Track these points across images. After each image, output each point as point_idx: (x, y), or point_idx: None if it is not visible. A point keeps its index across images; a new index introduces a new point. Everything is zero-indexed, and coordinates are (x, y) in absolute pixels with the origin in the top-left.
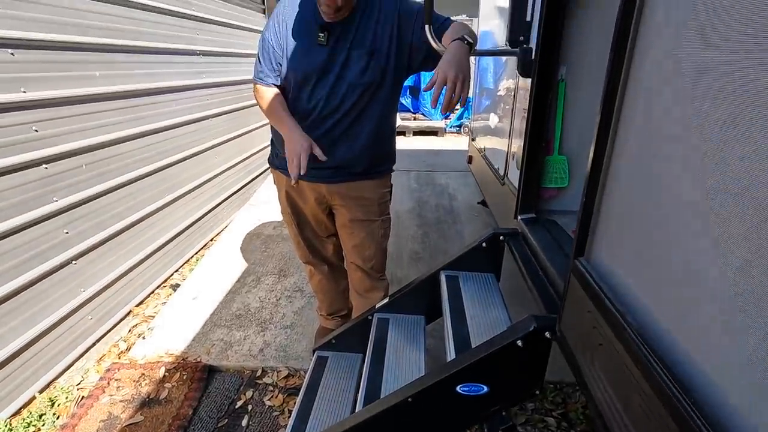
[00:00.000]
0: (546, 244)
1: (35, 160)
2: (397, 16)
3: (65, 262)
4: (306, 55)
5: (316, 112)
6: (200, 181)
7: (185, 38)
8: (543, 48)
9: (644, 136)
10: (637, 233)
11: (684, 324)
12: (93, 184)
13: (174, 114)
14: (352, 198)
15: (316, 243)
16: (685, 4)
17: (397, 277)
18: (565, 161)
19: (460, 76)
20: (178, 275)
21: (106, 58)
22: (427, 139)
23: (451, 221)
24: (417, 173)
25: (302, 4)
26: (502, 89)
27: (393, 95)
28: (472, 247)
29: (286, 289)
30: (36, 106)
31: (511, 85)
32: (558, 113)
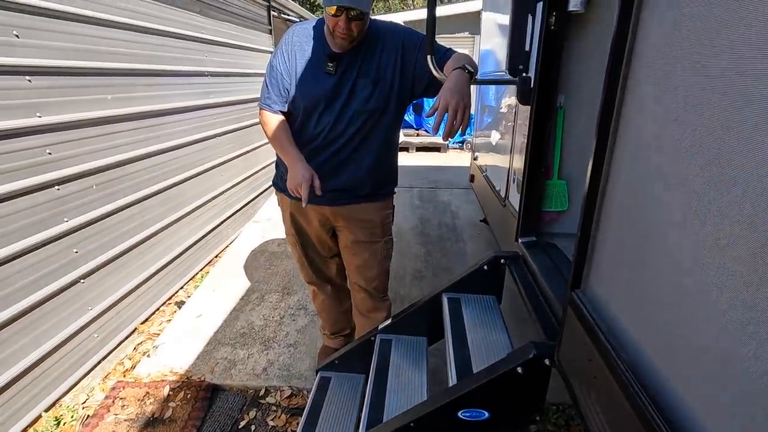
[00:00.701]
0: (546, 269)
1: (48, 181)
2: (401, 47)
3: (74, 281)
4: (315, 83)
5: (322, 137)
6: (206, 198)
7: (195, 60)
8: (542, 77)
9: (634, 174)
10: (630, 269)
11: (674, 363)
12: (102, 204)
13: (182, 134)
14: (355, 220)
15: (320, 263)
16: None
17: (399, 295)
18: (565, 185)
19: (461, 104)
20: (183, 292)
21: (118, 81)
22: (430, 155)
23: (453, 239)
24: (420, 190)
25: (311, 34)
26: (503, 108)
27: (395, 121)
28: (473, 270)
29: (289, 307)
30: (50, 129)
31: (511, 104)
32: (557, 139)
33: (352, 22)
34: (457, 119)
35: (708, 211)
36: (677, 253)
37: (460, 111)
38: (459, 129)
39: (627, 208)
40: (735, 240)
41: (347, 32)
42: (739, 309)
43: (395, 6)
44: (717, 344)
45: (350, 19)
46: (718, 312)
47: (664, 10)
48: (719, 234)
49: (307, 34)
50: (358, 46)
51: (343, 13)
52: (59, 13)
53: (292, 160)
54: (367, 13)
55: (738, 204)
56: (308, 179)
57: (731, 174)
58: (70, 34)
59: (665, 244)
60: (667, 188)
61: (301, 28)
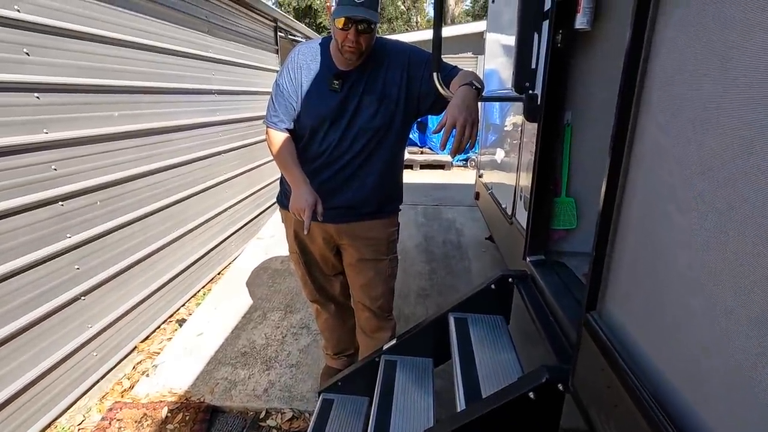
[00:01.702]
0: (555, 288)
1: (52, 197)
2: (407, 64)
3: (74, 299)
4: (321, 101)
5: (327, 155)
6: (210, 215)
7: (202, 79)
8: (549, 94)
9: (650, 192)
10: (648, 290)
11: (700, 390)
12: (106, 220)
13: (187, 150)
14: (360, 238)
15: (324, 281)
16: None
17: (404, 314)
18: (573, 203)
19: (469, 120)
20: (185, 310)
21: (125, 98)
22: (434, 172)
23: (458, 257)
24: (424, 208)
25: (317, 53)
26: (509, 126)
27: (401, 138)
28: (480, 289)
29: (292, 325)
30: (56, 146)
31: (517, 121)
32: (565, 156)
33: (361, 36)
34: (464, 135)
35: (727, 230)
36: (696, 273)
37: (467, 127)
38: (466, 145)
39: (643, 227)
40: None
41: (356, 46)
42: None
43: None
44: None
45: (359, 32)
46: (742, 335)
47: (677, 30)
48: (740, 253)
49: (313, 52)
50: (364, 64)
51: (353, 26)
52: (69, 31)
53: (296, 181)
54: (376, 25)
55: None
56: (311, 204)
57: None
58: (79, 52)
59: (684, 264)
60: (684, 207)
61: (306, 47)
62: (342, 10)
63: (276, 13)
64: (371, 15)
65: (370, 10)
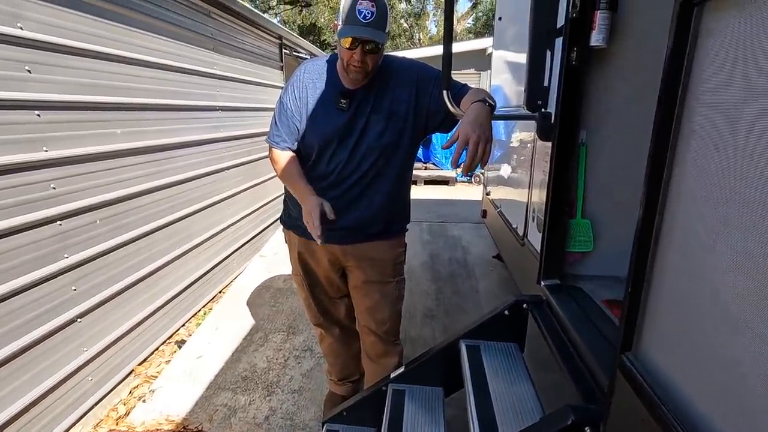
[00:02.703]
0: (574, 316)
1: (51, 217)
2: (415, 82)
3: (70, 321)
4: (328, 121)
5: (335, 175)
6: (212, 232)
7: (207, 95)
8: (563, 113)
9: (693, 223)
10: (692, 329)
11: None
12: (106, 239)
13: (191, 167)
14: (366, 259)
15: (328, 304)
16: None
17: (410, 336)
18: (589, 225)
19: (482, 138)
20: (185, 330)
21: (128, 116)
22: (439, 188)
23: (465, 276)
24: (429, 224)
25: (323, 71)
26: (519, 143)
27: (409, 157)
28: (493, 315)
29: (294, 348)
30: (56, 164)
31: (528, 138)
32: (580, 177)
33: (368, 56)
34: (477, 153)
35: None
36: (747, 311)
37: (480, 144)
38: (479, 163)
39: (685, 261)
40: None
41: (362, 66)
42: None
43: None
44: None
45: (366, 52)
46: None
47: (722, 51)
48: None
49: (319, 70)
50: (372, 82)
51: (359, 46)
52: (72, 49)
53: (302, 194)
54: (383, 46)
55: None
56: (317, 205)
57: None
58: (82, 70)
59: (732, 301)
60: (733, 240)
61: (312, 65)
62: (348, 30)
63: (281, 31)
64: (378, 36)
65: (377, 31)
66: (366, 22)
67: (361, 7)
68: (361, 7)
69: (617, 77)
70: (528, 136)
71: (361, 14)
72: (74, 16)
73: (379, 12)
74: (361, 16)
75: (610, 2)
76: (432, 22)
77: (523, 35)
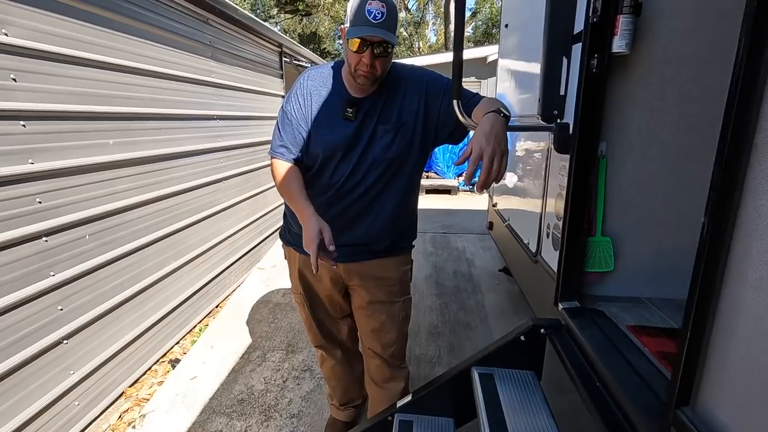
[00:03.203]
0: (599, 344)
1: (35, 233)
2: (424, 92)
3: (55, 343)
4: (333, 131)
5: (338, 187)
6: (210, 244)
7: (204, 104)
8: (582, 124)
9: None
10: None
11: None
12: (95, 255)
13: (187, 178)
14: (372, 278)
15: (330, 325)
16: None
17: (414, 355)
18: (609, 243)
19: (498, 151)
20: (179, 348)
21: (122, 125)
22: (441, 197)
23: (470, 290)
24: (432, 235)
25: (327, 79)
26: (529, 151)
27: (417, 170)
28: (508, 341)
29: (294, 368)
30: (42, 177)
31: (540, 147)
32: (600, 191)
33: (377, 59)
34: (492, 168)
35: None
36: None
37: (496, 158)
38: (495, 179)
39: (760, 300)
40: None
41: (370, 70)
42: None
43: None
44: None
45: (375, 55)
46: None
47: None
48: None
49: (323, 78)
50: (379, 90)
51: (368, 48)
52: (60, 56)
53: (302, 214)
54: (393, 48)
55: None
56: (317, 235)
57: None
58: (72, 78)
59: None
60: None
61: (316, 72)
62: (357, 30)
63: (281, 38)
64: (389, 37)
65: (388, 32)
66: (376, 23)
67: (371, 7)
68: (371, 7)
69: (639, 85)
70: (540, 146)
71: (371, 14)
72: (64, 23)
73: (390, 12)
74: (371, 17)
75: (634, 6)
76: (431, 31)
77: (531, 42)
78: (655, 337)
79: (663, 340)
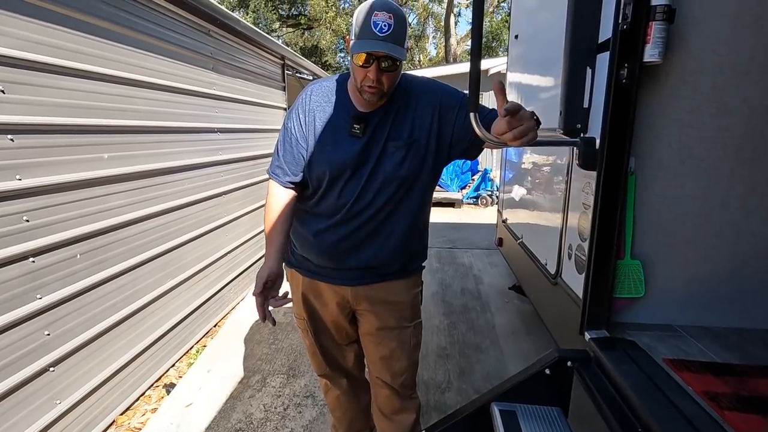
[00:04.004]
0: (634, 379)
1: (21, 253)
2: (438, 106)
3: (41, 371)
4: (339, 148)
5: (346, 209)
6: (208, 261)
7: (205, 117)
8: (611, 138)
9: None
10: None
11: None
12: (86, 276)
13: (186, 193)
14: (381, 302)
15: (335, 352)
16: None
17: (423, 380)
18: (640, 266)
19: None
20: (174, 372)
21: (118, 139)
22: (444, 210)
23: (479, 309)
24: (438, 250)
25: (332, 93)
26: (545, 164)
27: (429, 189)
28: (531, 374)
29: (295, 394)
30: (31, 193)
31: (558, 160)
32: (628, 210)
33: (384, 74)
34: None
35: None
36: None
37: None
38: (521, 135)
39: None
40: None
41: (377, 86)
42: None
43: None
44: None
45: (382, 70)
46: None
47: None
48: None
49: (327, 93)
50: (389, 104)
51: (374, 62)
52: (52, 67)
53: (266, 253)
54: (401, 63)
55: None
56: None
57: None
58: (64, 90)
59: None
60: None
61: (319, 87)
62: (362, 44)
63: (283, 51)
64: (396, 51)
65: (395, 46)
66: (382, 36)
67: (377, 18)
68: (377, 18)
69: (671, 97)
70: (558, 160)
71: (377, 26)
72: (57, 32)
73: (397, 24)
74: (377, 29)
75: (667, 12)
76: (432, 44)
77: (545, 52)
78: (696, 373)
79: (706, 377)
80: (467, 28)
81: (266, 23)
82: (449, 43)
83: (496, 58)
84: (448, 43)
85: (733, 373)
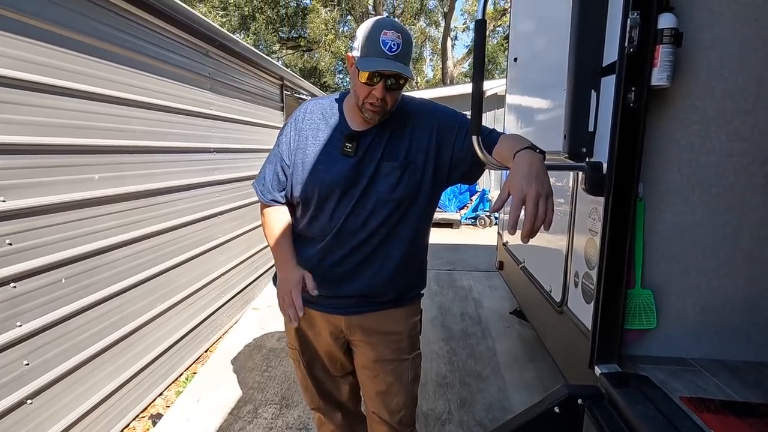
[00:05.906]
0: (651, 421)
1: (2, 279)
2: (436, 128)
3: (18, 404)
4: (329, 167)
5: (336, 232)
6: (200, 284)
7: (200, 136)
8: (618, 163)
9: None
10: None
11: None
12: (71, 301)
13: (180, 213)
14: (377, 332)
15: (329, 385)
16: None
17: (422, 410)
18: (651, 296)
19: (542, 193)
20: (162, 401)
21: (109, 159)
22: (442, 231)
23: (480, 334)
24: (436, 272)
25: (326, 112)
26: None
27: (428, 212)
28: (540, 412)
29: (288, 425)
30: (14, 216)
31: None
32: (638, 238)
33: (389, 93)
34: (539, 212)
35: None
36: None
37: (542, 201)
38: (542, 224)
39: None
40: None
41: (381, 104)
42: None
43: None
44: None
45: (387, 88)
46: None
47: None
48: None
49: (322, 111)
50: (384, 125)
51: (381, 81)
52: (38, 85)
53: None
54: (407, 82)
55: None
56: (297, 281)
57: None
58: (52, 109)
59: None
60: None
61: (314, 105)
62: (372, 62)
63: (282, 71)
64: (405, 71)
65: (404, 65)
66: (392, 54)
67: (386, 37)
68: (386, 37)
69: (679, 121)
70: (562, 184)
71: (387, 45)
72: (44, 50)
73: (405, 44)
74: (386, 48)
75: (675, 36)
76: (429, 66)
77: (545, 77)
78: (717, 414)
79: (728, 418)
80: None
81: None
82: (446, 65)
83: (492, 80)
84: (445, 65)
85: (757, 414)
